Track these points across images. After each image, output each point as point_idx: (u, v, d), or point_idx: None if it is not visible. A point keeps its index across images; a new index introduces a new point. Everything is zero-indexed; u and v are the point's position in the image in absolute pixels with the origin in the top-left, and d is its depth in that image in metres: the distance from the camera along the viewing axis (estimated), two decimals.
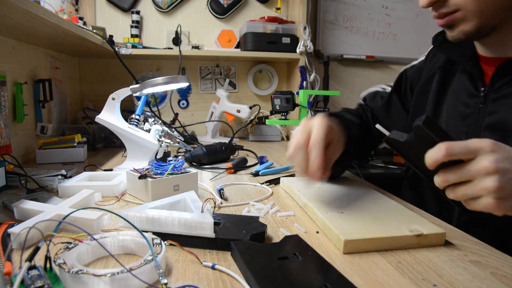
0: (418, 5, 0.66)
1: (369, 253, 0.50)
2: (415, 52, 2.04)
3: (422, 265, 0.47)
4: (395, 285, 0.42)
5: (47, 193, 0.71)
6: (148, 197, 0.69)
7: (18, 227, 0.49)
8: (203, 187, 0.82)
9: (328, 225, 0.55)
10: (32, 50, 1.18)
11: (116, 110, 0.98)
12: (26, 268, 0.37)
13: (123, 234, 0.48)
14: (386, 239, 0.51)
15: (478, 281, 0.43)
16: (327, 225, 0.55)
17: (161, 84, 0.91)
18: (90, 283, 0.38)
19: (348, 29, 1.97)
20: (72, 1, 1.57)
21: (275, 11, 1.80)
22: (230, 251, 0.49)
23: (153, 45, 1.71)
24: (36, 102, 1.18)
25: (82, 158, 1.11)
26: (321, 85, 1.80)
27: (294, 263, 0.45)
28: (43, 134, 1.19)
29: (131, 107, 1.64)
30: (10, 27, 0.89)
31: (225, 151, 1.13)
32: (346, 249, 0.50)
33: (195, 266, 0.45)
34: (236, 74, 1.85)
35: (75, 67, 1.67)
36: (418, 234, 0.51)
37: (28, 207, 0.58)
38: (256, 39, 1.63)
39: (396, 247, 0.51)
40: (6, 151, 0.95)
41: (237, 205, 0.70)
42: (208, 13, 1.78)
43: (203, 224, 0.50)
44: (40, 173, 0.85)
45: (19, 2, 0.66)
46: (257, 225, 0.54)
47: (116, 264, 0.45)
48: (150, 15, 1.73)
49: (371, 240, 0.50)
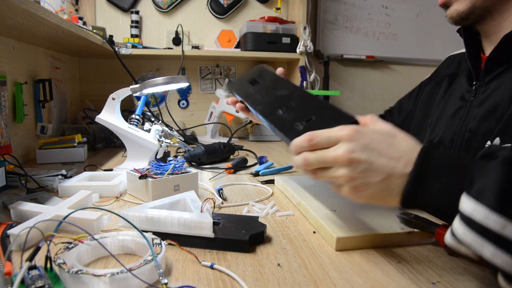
0: (418, 5, 0.68)
1: (369, 253, 0.50)
2: (415, 52, 2.05)
3: (422, 265, 0.47)
4: (395, 285, 0.42)
5: (47, 193, 0.71)
6: (148, 197, 0.69)
7: (17, 228, 0.49)
8: (204, 187, 0.82)
9: (321, 223, 0.56)
10: (32, 50, 1.18)
11: (116, 110, 0.98)
12: (27, 268, 0.37)
13: (123, 234, 0.48)
14: (378, 236, 0.51)
15: (478, 281, 0.43)
16: (320, 223, 0.56)
17: (161, 84, 0.91)
18: (90, 283, 0.38)
19: (348, 29, 1.97)
20: (72, 1, 1.57)
21: (275, 11, 1.80)
22: (229, 251, 0.49)
23: (153, 45, 1.71)
24: (36, 102, 1.18)
25: (82, 158, 1.11)
26: (321, 85, 1.80)
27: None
28: (43, 134, 1.19)
29: (131, 107, 1.64)
30: (10, 27, 0.89)
31: (224, 149, 1.13)
32: (338, 246, 0.50)
33: (195, 266, 0.45)
34: (236, 74, 1.84)
35: (75, 67, 1.67)
36: (409, 231, 0.52)
37: (25, 208, 0.58)
38: (256, 39, 1.63)
39: (388, 244, 0.52)
40: (6, 151, 0.95)
41: (237, 205, 0.70)
42: (208, 13, 1.78)
43: (202, 224, 0.50)
44: (40, 173, 0.85)
45: (19, 2, 0.66)
46: (257, 225, 0.54)
47: (116, 264, 0.45)
48: (150, 15, 1.73)
49: (363, 237, 0.51)
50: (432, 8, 2.01)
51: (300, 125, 0.53)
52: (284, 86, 0.66)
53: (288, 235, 0.56)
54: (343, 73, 2.01)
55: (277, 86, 0.67)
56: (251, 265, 0.46)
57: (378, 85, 2.06)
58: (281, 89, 0.65)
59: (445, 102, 0.79)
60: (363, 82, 2.04)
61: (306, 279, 0.43)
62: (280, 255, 0.49)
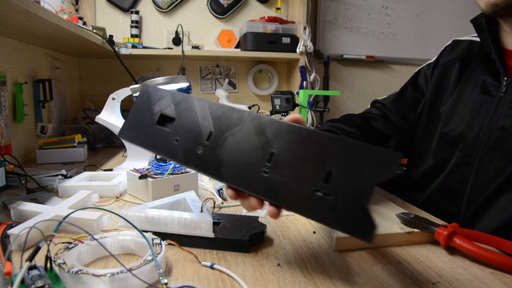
0: (418, 5, 0.66)
1: (369, 253, 0.50)
2: (415, 52, 2.05)
3: (422, 265, 0.47)
4: (395, 285, 0.42)
5: (47, 193, 0.71)
6: (148, 197, 0.69)
7: (17, 228, 0.49)
8: (204, 187, 0.82)
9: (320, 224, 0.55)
10: (32, 50, 1.18)
11: (116, 110, 0.98)
12: (27, 268, 0.37)
13: (123, 234, 0.48)
14: (378, 236, 0.51)
15: (478, 281, 0.43)
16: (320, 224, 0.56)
17: (161, 84, 0.91)
18: (90, 283, 0.38)
19: (348, 29, 1.97)
20: (72, 1, 1.57)
21: (275, 11, 1.80)
22: (229, 251, 0.49)
23: (153, 45, 1.71)
24: (36, 102, 1.18)
25: (82, 158, 1.11)
26: (321, 85, 1.80)
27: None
28: (43, 134, 1.19)
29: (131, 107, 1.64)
30: (10, 27, 0.89)
31: None
32: (338, 246, 0.50)
33: (195, 266, 0.45)
34: (236, 74, 1.84)
35: (75, 67, 1.67)
36: (409, 231, 0.52)
37: (25, 208, 0.58)
38: (256, 39, 1.63)
39: (388, 244, 0.52)
40: (6, 151, 0.95)
41: (237, 205, 0.70)
42: (208, 13, 1.78)
43: (202, 223, 0.50)
44: (40, 173, 0.85)
45: (19, 2, 0.66)
46: (257, 225, 0.54)
47: (116, 264, 0.45)
48: (150, 15, 1.73)
49: None
50: (432, 8, 2.02)
51: (321, 189, 0.36)
52: (234, 121, 0.43)
53: (288, 235, 0.56)
54: (343, 73, 2.01)
55: (220, 122, 0.44)
56: (251, 265, 0.46)
57: (378, 85, 2.06)
58: (236, 127, 0.43)
59: (459, 90, 0.75)
60: (363, 82, 2.04)
61: (306, 279, 0.43)
62: (280, 255, 0.49)
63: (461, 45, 0.80)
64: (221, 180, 0.43)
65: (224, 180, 0.43)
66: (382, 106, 0.92)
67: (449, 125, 0.74)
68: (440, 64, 0.83)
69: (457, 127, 0.72)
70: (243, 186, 0.41)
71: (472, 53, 0.77)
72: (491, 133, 0.66)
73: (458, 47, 0.80)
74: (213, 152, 0.43)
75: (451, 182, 0.72)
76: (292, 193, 0.38)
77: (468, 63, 0.76)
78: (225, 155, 0.43)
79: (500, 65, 0.67)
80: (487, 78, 0.70)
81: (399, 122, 0.87)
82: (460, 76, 0.77)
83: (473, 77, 0.74)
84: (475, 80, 0.73)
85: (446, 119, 0.75)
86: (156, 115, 0.50)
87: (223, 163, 0.43)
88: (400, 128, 0.87)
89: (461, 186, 0.70)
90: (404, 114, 0.87)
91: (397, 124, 0.87)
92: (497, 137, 0.65)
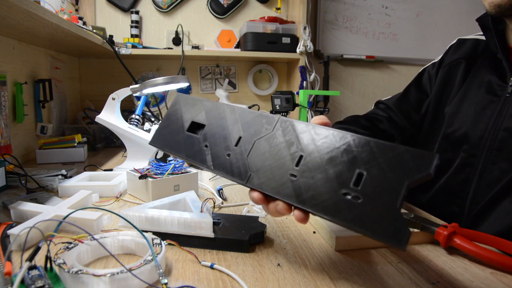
0: (418, 5, 0.66)
1: (369, 253, 0.50)
2: (415, 52, 2.05)
3: (422, 265, 0.47)
4: (395, 285, 0.42)
5: (47, 193, 0.71)
6: (148, 197, 0.69)
7: (17, 228, 0.49)
8: (204, 187, 0.82)
9: (321, 223, 0.56)
10: (32, 50, 1.18)
11: (116, 110, 0.98)
12: (27, 268, 0.37)
13: (123, 234, 0.48)
14: None
15: (478, 281, 0.43)
16: (320, 223, 0.56)
17: (161, 84, 0.91)
18: (90, 283, 0.38)
19: (348, 29, 1.97)
20: (72, 1, 1.57)
21: (275, 11, 1.80)
22: (229, 251, 0.49)
23: (153, 45, 1.71)
24: (36, 102, 1.18)
25: (82, 158, 1.11)
26: (321, 85, 1.80)
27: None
28: (43, 134, 1.19)
29: (131, 107, 1.64)
30: (10, 27, 0.89)
31: None
32: (338, 246, 0.50)
33: (195, 266, 0.45)
34: (236, 74, 1.85)
35: (75, 67, 1.67)
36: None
37: (25, 208, 0.58)
38: (256, 39, 1.63)
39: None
40: (6, 151, 0.95)
41: (237, 205, 0.70)
42: (208, 13, 1.78)
43: (202, 223, 0.50)
44: (40, 173, 0.85)
45: (19, 2, 0.66)
46: (257, 225, 0.54)
47: (116, 264, 0.45)
48: (150, 15, 1.73)
49: (363, 237, 0.50)
50: (432, 8, 2.02)
51: (351, 192, 0.35)
52: (264, 125, 0.44)
53: (288, 235, 0.56)
54: (343, 73, 2.01)
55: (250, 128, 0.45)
56: (251, 265, 0.46)
57: (378, 85, 2.06)
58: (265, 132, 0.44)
59: (464, 90, 0.74)
60: (363, 82, 2.04)
61: (306, 279, 0.43)
62: (280, 255, 0.49)
63: (466, 44, 0.79)
64: (250, 185, 0.43)
65: (254, 185, 0.43)
66: (386, 108, 0.92)
67: (453, 125, 0.73)
68: (445, 63, 0.82)
69: (462, 127, 0.71)
70: (271, 191, 0.41)
71: (478, 52, 0.76)
72: (496, 134, 0.65)
73: (463, 46, 0.79)
74: (242, 156, 0.44)
75: (455, 183, 0.71)
76: (320, 197, 0.37)
77: (473, 63, 0.75)
78: (253, 159, 0.44)
79: (506, 64, 0.67)
80: (493, 78, 0.69)
81: (403, 123, 0.87)
82: (465, 75, 0.76)
83: (479, 76, 0.73)
84: (481, 79, 0.72)
85: (450, 119, 0.74)
86: (187, 122, 0.52)
87: (251, 168, 0.43)
88: (404, 129, 0.87)
89: (465, 187, 0.69)
90: (408, 115, 0.87)
91: (401, 125, 0.87)
92: (502, 138, 0.64)
